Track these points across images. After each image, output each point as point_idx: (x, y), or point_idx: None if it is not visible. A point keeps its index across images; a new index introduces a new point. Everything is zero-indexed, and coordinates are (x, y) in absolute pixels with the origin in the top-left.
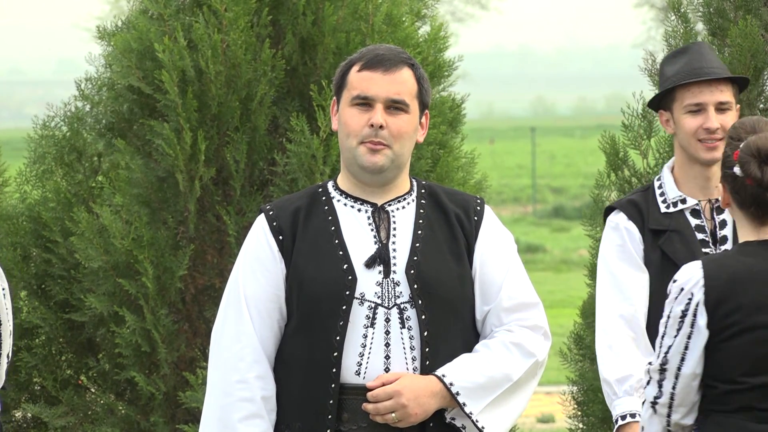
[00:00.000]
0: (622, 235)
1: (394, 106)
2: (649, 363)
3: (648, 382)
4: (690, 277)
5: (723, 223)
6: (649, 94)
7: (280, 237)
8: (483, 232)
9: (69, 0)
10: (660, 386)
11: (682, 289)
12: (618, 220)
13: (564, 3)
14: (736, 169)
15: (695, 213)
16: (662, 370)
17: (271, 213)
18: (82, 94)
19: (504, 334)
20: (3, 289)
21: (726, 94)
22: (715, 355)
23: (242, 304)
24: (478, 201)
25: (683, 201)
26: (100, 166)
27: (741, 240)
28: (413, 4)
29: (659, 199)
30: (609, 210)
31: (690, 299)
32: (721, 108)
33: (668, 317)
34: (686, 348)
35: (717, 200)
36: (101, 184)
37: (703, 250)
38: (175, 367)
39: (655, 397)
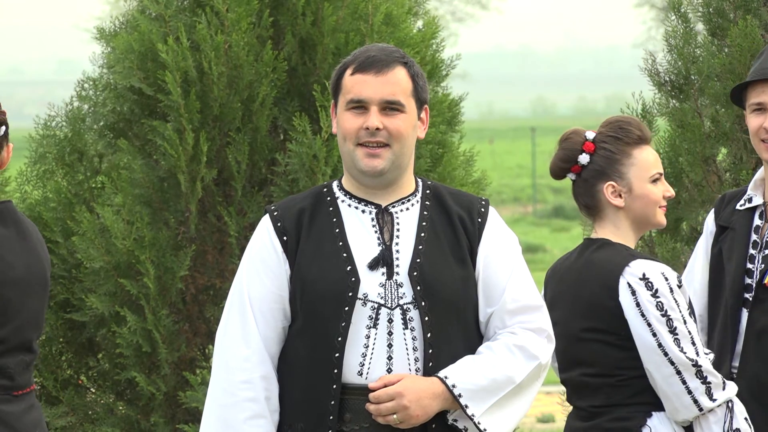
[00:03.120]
0: (705, 229)
1: (390, 107)
2: None
3: None
4: None
5: None
6: (648, 94)
7: (285, 238)
8: (486, 234)
9: (69, 0)
10: None
11: None
12: (709, 222)
13: (564, 3)
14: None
15: (762, 214)
16: None
17: (275, 214)
18: (84, 95)
19: (507, 336)
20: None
21: None
22: None
23: (246, 305)
24: (483, 203)
25: (749, 200)
26: (101, 166)
27: None
28: (410, 4)
29: (745, 197)
30: None
31: None
32: None
33: None
34: None
35: None
36: (102, 184)
37: (750, 251)
38: (175, 367)
39: None
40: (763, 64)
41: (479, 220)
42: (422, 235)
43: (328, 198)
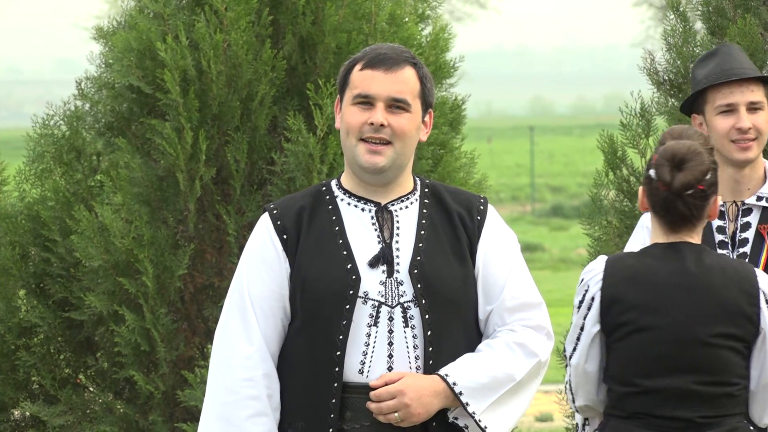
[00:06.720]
0: (644, 235)
1: (396, 105)
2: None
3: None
4: (591, 269)
5: (746, 226)
6: (647, 93)
7: (284, 236)
8: (486, 231)
9: (69, 0)
10: (567, 371)
11: (582, 280)
12: (645, 219)
13: (563, 2)
14: (651, 172)
15: (720, 214)
16: (565, 357)
17: (275, 212)
18: (82, 93)
19: (507, 333)
20: None
21: (757, 94)
22: (611, 354)
23: (247, 303)
24: (482, 200)
25: None
26: (99, 165)
27: (651, 243)
28: (416, 5)
29: None
30: None
31: (586, 291)
32: (752, 108)
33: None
34: (577, 339)
35: (743, 202)
36: (100, 182)
37: (721, 251)
38: (173, 365)
39: (566, 381)
40: (723, 66)
41: (478, 217)
42: (422, 233)
43: (327, 196)
